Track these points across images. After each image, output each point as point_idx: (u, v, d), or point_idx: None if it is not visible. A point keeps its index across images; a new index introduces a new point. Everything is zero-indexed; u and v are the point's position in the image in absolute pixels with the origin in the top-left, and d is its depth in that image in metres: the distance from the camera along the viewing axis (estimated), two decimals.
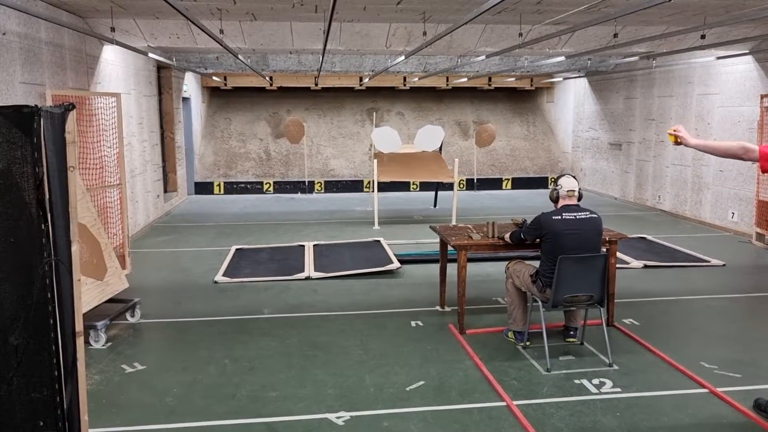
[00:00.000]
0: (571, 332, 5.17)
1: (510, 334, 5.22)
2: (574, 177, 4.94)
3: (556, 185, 4.91)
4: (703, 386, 4.34)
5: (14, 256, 2.29)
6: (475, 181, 15.62)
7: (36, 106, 2.21)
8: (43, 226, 2.29)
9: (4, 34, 5.68)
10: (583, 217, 4.75)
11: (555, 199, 4.91)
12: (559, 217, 4.73)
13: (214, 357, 4.92)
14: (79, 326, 2.23)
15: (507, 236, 5.22)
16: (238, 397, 4.23)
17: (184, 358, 4.93)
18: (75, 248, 2.23)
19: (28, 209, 2.29)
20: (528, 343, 5.06)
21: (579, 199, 4.88)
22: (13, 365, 2.20)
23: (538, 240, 4.89)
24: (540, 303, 4.77)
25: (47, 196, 2.26)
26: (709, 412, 3.99)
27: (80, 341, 2.25)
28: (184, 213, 12.20)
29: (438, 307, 6.10)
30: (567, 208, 4.79)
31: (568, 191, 4.84)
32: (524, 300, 5.12)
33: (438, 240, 6.10)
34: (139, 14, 7.63)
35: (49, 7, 6.68)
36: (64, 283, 2.25)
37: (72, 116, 2.21)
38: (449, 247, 5.66)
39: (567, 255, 4.57)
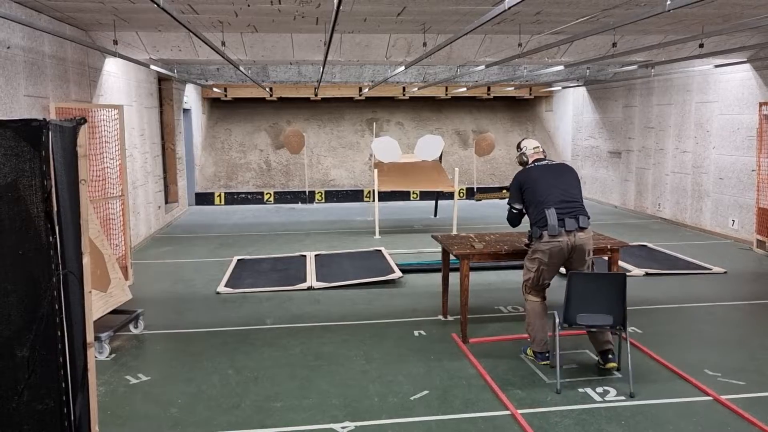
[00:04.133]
0: (610, 355, 4.66)
1: (529, 351, 5.01)
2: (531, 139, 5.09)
3: (520, 149, 5.00)
4: (708, 394, 4.34)
5: (22, 268, 2.31)
6: (475, 190, 15.65)
7: (44, 119, 2.24)
8: (51, 238, 2.31)
9: (8, 47, 5.72)
10: (555, 163, 4.92)
11: (526, 163, 4.97)
12: (533, 166, 4.87)
13: (217, 367, 4.93)
14: (90, 337, 2.25)
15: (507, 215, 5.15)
16: (242, 407, 4.23)
17: (187, 368, 4.93)
18: (86, 260, 2.25)
19: (36, 222, 2.31)
20: (548, 363, 4.82)
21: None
22: (23, 377, 2.21)
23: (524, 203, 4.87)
24: (555, 322, 4.45)
25: (55, 208, 2.28)
26: (713, 420, 3.99)
27: (91, 352, 2.27)
28: (185, 224, 12.21)
29: (440, 317, 6.11)
30: (537, 161, 4.90)
31: (534, 148, 4.95)
32: (542, 318, 4.88)
33: (439, 249, 6.12)
34: (142, 27, 7.68)
35: (53, 21, 6.73)
36: (74, 295, 2.27)
37: (83, 130, 2.24)
38: (451, 256, 5.67)
39: (547, 194, 4.61)
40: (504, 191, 5.77)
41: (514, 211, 4.97)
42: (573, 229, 4.59)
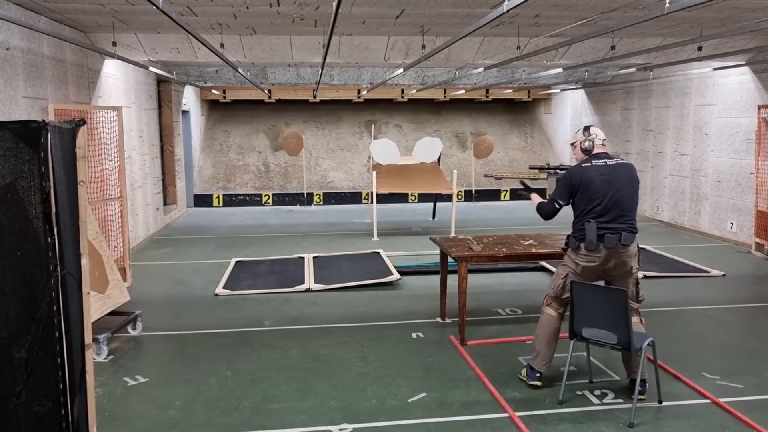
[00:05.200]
0: (639, 387, 4.17)
1: (523, 371, 4.66)
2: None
3: (589, 134, 4.47)
4: (706, 397, 4.35)
5: (20, 269, 2.31)
6: (474, 192, 15.67)
7: (43, 121, 2.24)
8: (49, 239, 2.31)
9: (7, 49, 5.72)
10: (614, 163, 4.38)
11: (590, 150, 4.46)
12: (589, 164, 4.38)
13: (215, 369, 4.92)
14: (88, 339, 2.25)
15: (535, 205, 4.74)
16: (240, 409, 4.23)
17: (185, 370, 4.93)
18: (84, 261, 2.25)
19: (35, 223, 2.31)
20: (539, 384, 4.52)
21: None
22: (22, 378, 2.21)
23: (572, 200, 4.44)
24: (571, 343, 4.27)
25: (54, 210, 2.28)
26: (712, 423, 3.99)
27: (89, 354, 2.27)
28: (183, 225, 12.21)
29: (438, 319, 6.11)
30: (597, 156, 4.42)
31: (603, 140, 4.48)
32: (554, 334, 4.55)
33: (437, 251, 6.12)
34: (141, 29, 7.68)
35: (52, 23, 6.73)
36: (72, 296, 2.27)
37: (82, 131, 2.24)
38: (449, 259, 5.67)
39: (598, 203, 4.24)
40: (524, 175, 5.41)
41: (557, 206, 4.50)
42: (613, 246, 4.26)
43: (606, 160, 4.41)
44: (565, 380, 4.34)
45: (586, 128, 4.57)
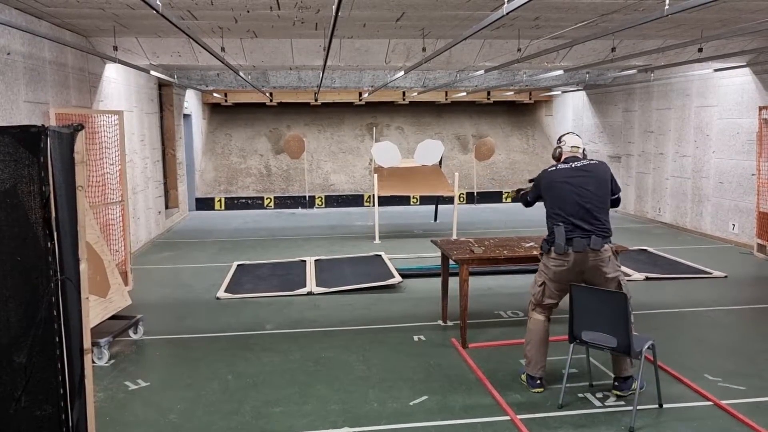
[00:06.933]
0: (634, 384, 4.31)
1: (523, 377, 4.66)
2: (578, 136, 4.63)
3: (560, 142, 4.52)
4: (708, 399, 4.33)
5: (20, 274, 2.32)
6: (475, 194, 15.66)
7: (43, 125, 2.24)
8: (49, 244, 2.31)
9: (8, 54, 5.73)
10: (579, 165, 4.36)
11: (558, 157, 4.50)
12: (554, 168, 4.42)
13: (217, 373, 4.92)
14: (86, 343, 2.25)
15: (519, 195, 4.97)
16: (241, 413, 4.23)
17: (187, 374, 4.92)
18: (83, 266, 2.25)
19: (34, 228, 2.31)
20: (541, 390, 4.49)
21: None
22: (21, 383, 2.21)
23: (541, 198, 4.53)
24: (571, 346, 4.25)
25: (54, 214, 2.29)
26: (714, 425, 3.98)
27: (88, 358, 2.27)
28: (185, 229, 12.22)
29: (440, 322, 6.10)
30: (565, 160, 4.44)
31: (572, 147, 4.47)
32: (543, 339, 4.52)
33: (439, 254, 6.11)
34: (141, 33, 7.70)
35: (53, 27, 6.75)
36: (71, 301, 2.27)
37: (81, 136, 2.24)
38: (451, 261, 5.67)
39: (562, 207, 4.27)
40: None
41: (528, 200, 4.69)
42: (581, 250, 4.20)
43: (573, 163, 4.40)
44: (565, 383, 4.33)
45: (561, 137, 4.61)
